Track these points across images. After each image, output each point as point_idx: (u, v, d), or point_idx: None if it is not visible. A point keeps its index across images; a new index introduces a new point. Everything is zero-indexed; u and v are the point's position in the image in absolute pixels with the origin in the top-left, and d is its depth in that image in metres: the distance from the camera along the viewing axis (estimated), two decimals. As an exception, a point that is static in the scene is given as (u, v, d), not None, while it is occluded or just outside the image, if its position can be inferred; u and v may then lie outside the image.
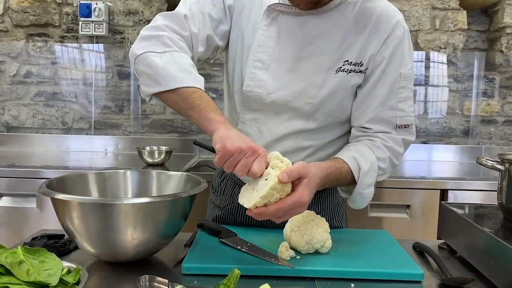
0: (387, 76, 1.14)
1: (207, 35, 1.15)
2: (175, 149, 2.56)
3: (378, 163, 1.14)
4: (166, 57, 1.06)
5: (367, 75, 1.15)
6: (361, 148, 1.15)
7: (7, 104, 2.87)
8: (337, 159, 1.13)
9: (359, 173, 1.11)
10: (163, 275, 0.90)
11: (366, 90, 1.16)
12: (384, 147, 1.16)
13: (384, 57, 1.13)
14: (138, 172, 1.23)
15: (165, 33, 1.10)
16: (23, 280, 0.74)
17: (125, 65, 2.82)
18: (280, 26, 1.13)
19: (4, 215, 2.14)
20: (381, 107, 1.16)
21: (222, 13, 1.17)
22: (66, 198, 0.93)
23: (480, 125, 2.82)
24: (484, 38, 2.86)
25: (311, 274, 0.97)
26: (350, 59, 1.13)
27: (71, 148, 2.83)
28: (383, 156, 1.15)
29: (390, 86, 1.15)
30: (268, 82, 1.15)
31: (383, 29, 1.13)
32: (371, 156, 1.14)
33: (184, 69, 1.06)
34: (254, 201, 0.90)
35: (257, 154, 0.92)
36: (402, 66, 1.15)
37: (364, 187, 1.14)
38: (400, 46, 1.14)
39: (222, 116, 1.02)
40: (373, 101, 1.16)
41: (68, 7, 2.80)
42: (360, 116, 1.18)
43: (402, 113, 1.16)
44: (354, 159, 1.12)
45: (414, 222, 2.11)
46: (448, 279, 0.95)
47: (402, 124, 1.17)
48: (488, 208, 1.21)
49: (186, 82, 1.04)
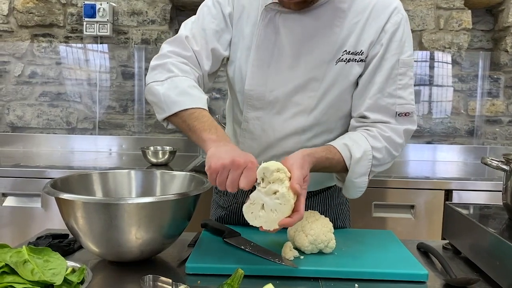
0: (385, 63, 1.13)
1: (211, 48, 1.18)
2: (179, 149, 2.56)
3: (372, 152, 1.11)
4: (167, 83, 1.12)
5: (366, 63, 1.15)
6: (355, 136, 1.14)
7: (12, 104, 2.88)
8: (328, 146, 1.12)
9: (351, 160, 1.09)
10: (167, 275, 0.90)
11: (366, 78, 1.15)
12: (380, 137, 1.13)
13: (382, 43, 1.12)
14: (142, 172, 1.23)
15: (168, 60, 1.15)
16: (28, 279, 0.75)
17: (129, 66, 2.83)
18: (278, 25, 1.14)
19: (9, 215, 2.15)
20: (380, 94, 1.13)
21: (223, 24, 1.19)
22: (71, 197, 0.94)
23: (485, 125, 2.81)
24: (489, 37, 2.84)
25: (315, 274, 0.97)
26: (348, 48, 1.13)
27: (75, 148, 2.83)
28: (378, 146, 1.12)
29: (388, 72, 1.13)
30: (270, 80, 1.15)
31: (381, 16, 1.13)
32: (365, 145, 1.11)
33: (183, 93, 1.09)
34: (277, 222, 0.90)
35: (241, 168, 0.91)
36: (401, 52, 1.13)
37: (356, 175, 1.11)
38: (398, 32, 1.13)
39: (215, 133, 1.02)
40: (372, 88, 1.14)
41: (72, 8, 2.81)
42: (360, 104, 1.16)
43: (401, 100, 1.14)
44: (346, 146, 1.10)
45: (418, 222, 2.10)
46: (452, 280, 0.95)
47: (402, 112, 1.14)
48: (493, 209, 1.20)
49: (184, 104, 1.08)
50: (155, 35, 2.79)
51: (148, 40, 2.79)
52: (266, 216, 0.91)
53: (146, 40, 2.79)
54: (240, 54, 1.19)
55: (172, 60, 1.15)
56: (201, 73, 1.18)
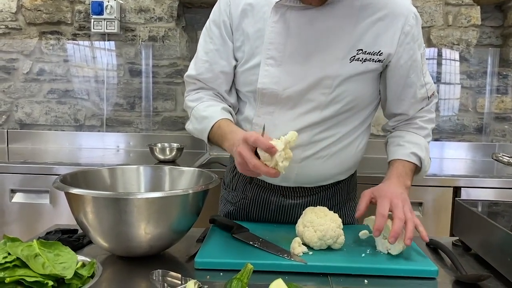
0: (415, 64, 1.20)
1: (219, 71, 1.24)
2: (186, 146, 2.57)
3: (426, 140, 1.28)
4: (190, 121, 1.30)
5: (393, 65, 1.18)
6: (410, 137, 1.27)
7: (21, 102, 2.90)
8: (402, 162, 1.22)
9: (421, 163, 1.23)
10: (176, 270, 0.90)
11: (399, 80, 1.21)
12: (423, 123, 1.29)
13: (407, 47, 1.17)
14: (151, 168, 1.23)
15: (192, 109, 1.28)
16: (39, 272, 0.75)
17: (137, 63, 2.84)
18: (289, 21, 1.12)
19: (18, 211, 2.16)
20: (417, 90, 1.24)
21: (219, 40, 1.22)
22: (80, 192, 0.94)
23: (494, 122, 2.79)
24: (498, 34, 2.82)
25: (324, 270, 0.97)
26: (364, 48, 1.13)
27: (83, 145, 2.85)
28: (426, 132, 1.29)
29: (419, 70, 1.22)
30: (282, 78, 1.14)
31: (398, 17, 1.14)
32: (421, 140, 1.26)
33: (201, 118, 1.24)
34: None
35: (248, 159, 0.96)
36: (421, 47, 1.22)
37: (427, 168, 1.26)
38: (416, 32, 1.18)
39: (226, 141, 1.12)
40: (410, 89, 1.23)
41: (80, 5, 2.82)
42: (400, 103, 1.26)
43: (429, 84, 1.27)
44: (414, 155, 1.23)
45: (426, 219, 2.09)
46: (463, 276, 0.94)
47: (431, 94, 1.28)
48: (502, 205, 1.19)
49: (206, 131, 1.20)
50: (162, 32, 2.79)
51: (155, 37, 2.80)
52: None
53: (153, 37, 2.80)
54: (247, 55, 1.19)
55: (195, 108, 1.27)
56: (222, 91, 1.26)
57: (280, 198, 1.27)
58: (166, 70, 2.83)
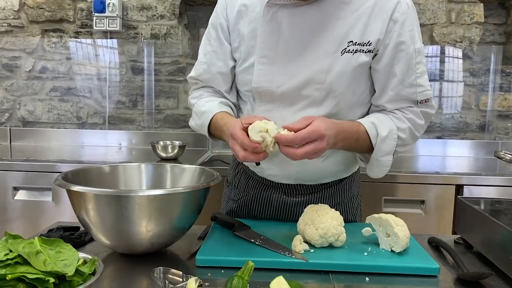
0: (402, 54, 1.14)
1: (216, 72, 1.26)
2: (188, 143, 2.57)
3: (398, 132, 1.15)
4: (192, 118, 1.31)
5: (380, 54, 1.15)
6: (380, 116, 1.18)
7: (23, 99, 2.90)
8: (355, 122, 1.15)
9: (377, 139, 1.13)
10: (177, 267, 0.90)
11: (384, 69, 1.15)
12: (404, 118, 1.18)
13: (393, 33, 1.12)
14: (153, 165, 1.23)
15: (193, 106, 1.30)
16: (40, 269, 0.75)
17: (139, 61, 2.84)
18: (281, 20, 1.13)
19: (21, 208, 2.17)
20: (401, 85, 1.16)
21: (217, 42, 1.24)
22: (82, 190, 0.94)
23: (497, 120, 2.78)
24: (501, 31, 2.81)
25: (325, 267, 0.97)
26: (354, 39, 1.12)
27: (85, 142, 2.85)
28: (403, 126, 1.17)
29: (407, 63, 1.14)
30: (276, 76, 1.15)
31: (387, 5, 1.12)
32: (391, 124, 1.15)
33: (200, 114, 1.25)
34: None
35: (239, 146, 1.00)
36: (415, 41, 1.14)
37: (382, 153, 1.15)
38: (408, 21, 1.13)
39: (223, 133, 1.14)
40: (392, 79, 1.16)
41: (82, 3, 2.82)
42: (381, 95, 1.18)
43: (421, 88, 1.17)
44: (373, 124, 1.14)
45: (428, 217, 2.08)
46: (464, 274, 0.94)
47: (423, 99, 1.18)
48: (505, 203, 1.19)
49: (205, 126, 1.23)
50: (164, 30, 2.79)
51: (157, 35, 2.80)
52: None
53: (156, 35, 2.80)
54: (244, 56, 1.20)
55: (195, 104, 1.29)
56: (222, 91, 1.28)
57: (282, 196, 1.27)
58: (168, 68, 2.84)
